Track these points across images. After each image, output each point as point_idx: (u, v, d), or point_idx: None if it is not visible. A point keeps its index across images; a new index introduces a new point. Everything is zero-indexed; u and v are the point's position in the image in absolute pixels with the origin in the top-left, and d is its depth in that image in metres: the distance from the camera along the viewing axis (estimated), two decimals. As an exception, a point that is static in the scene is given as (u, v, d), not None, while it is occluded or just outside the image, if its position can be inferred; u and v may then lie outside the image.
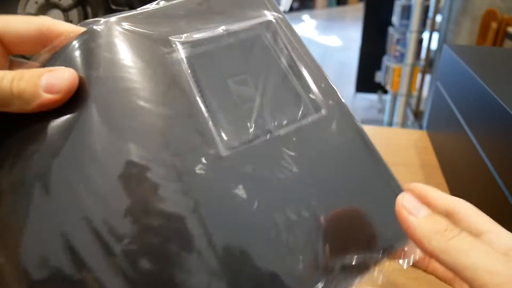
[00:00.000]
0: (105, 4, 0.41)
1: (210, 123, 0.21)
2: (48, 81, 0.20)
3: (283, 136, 0.22)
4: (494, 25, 1.27)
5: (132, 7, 0.42)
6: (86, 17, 0.41)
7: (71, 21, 0.41)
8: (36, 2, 0.39)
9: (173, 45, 0.22)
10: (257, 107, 0.22)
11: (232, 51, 0.24)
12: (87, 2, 0.40)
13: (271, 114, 0.22)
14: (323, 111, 0.23)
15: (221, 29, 0.24)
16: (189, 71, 0.22)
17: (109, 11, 0.41)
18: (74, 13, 0.40)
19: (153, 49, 0.22)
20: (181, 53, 0.22)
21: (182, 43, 0.23)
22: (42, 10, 0.40)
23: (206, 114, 0.21)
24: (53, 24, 0.22)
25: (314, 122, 0.23)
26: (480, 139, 0.37)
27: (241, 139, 0.21)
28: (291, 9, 6.95)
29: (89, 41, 0.21)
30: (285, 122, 0.22)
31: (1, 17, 0.21)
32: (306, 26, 5.81)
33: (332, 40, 4.91)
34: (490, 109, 0.35)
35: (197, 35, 0.23)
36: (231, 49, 0.24)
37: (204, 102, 0.21)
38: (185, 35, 0.23)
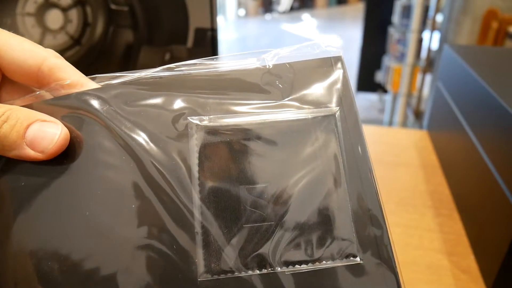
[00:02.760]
0: (105, 4, 0.41)
1: (198, 237, 0.18)
2: (35, 137, 0.18)
3: (288, 276, 0.18)
4: (494, 24, 1.27)
5: (132, 7, 0.42)
6: (85, 17, 0.41)
7: (70, 21, 0.41)
8: (35, 2, 0.39)
9: (190, 129, 0.19)
10: (266, 231, 0.18)
11: (261, 148, 0.19)
12: (87, 2, 0.40)
13: (282, 243, 0.18)
14: (358, 259, 0.18)
15: (259, 118, 0.20)
16: (196, 164, 0.19)
17: (108, 11, 0.41)
18: (73, 13, 0.40)
19: (163, 128, 0.19)
20: (194, 139, 0.19)
21: (201, 128, 0.19)
22: (41, 9, 0.39)
23: (198, 225, 0.18)
24: (58, 67, 0.20)
25: (338, 269, 0.18)
26: (480, 139, 0.37)
27: (228, 266, 0.18)
28: (291, 9, 6.95)
29: (95, 101, 0.19)
30: (297, 258, 0.18)
31: (10, 38, 0.19)
32: (306, 25, 5.80)
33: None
34: (491, 109, 0.35)
35: (222, 121, 0.19)
36: (257, 145, 0.19)
37: (201, 209, 0.18)
38: (207, 117, 0.20)
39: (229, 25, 5.96)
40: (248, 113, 0.20)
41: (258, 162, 0.19)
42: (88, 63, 0.43)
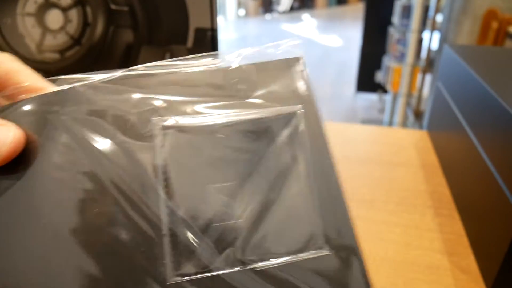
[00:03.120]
0: (105, 3, 0.41)
1: (165, 239, 0.18)
2: None
3: (258, 272, 0.18)
4: (494, 24, 1.27)
5: (132, 7, 0.42)
6: (85, 17, 0.41)
7: (70, 21, 0.41)
8: (35, 2, 0.39)
9: (154, 129, 0.19)
10: (235, 228, 0.18)
11: (225, 147, 0.20)
12: (87, 2, 0.40)
13: (251, 240, 0.18)
14: (326, 250, 0.19)
15: (223, 118, 0.20)
16: (161, 165, 0.19)
17: (108, 11, 0.41)
18: (73, 13, 0.40)
19: (126, 129, 0.19)
20: (159, 140, 0.19)
21: (164, 128, 0.19)
22: (41, 9, 0.39)
23: (165, 227, 0.18)
24: (14, 71, 0.19)
25: (307, 262, 0.18)
26: (480, 139, 0.37)
27: (197, 266, 0.17)
28: (292, 9, 6.95)
29: (54, 104, 0.19)
30: (267, 254, 0.18)
31: None
32: (306, 25, 5.80)
33: (332, 40, 4.91)
34: (491, 109, 0.35)
35: (187, 121, 0.20)
36: (224, 144, 0.20)
37: (168, 210, 0.18)
38: (172, 117, 0.20)
39: (229, 25, 5.96)
40: (212, 113, 0.20)
41: (223, 161, 0.19)
42: (88, 63, 0.43)
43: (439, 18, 1.80)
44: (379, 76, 2.45)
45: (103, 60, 0.43)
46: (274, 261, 0.18)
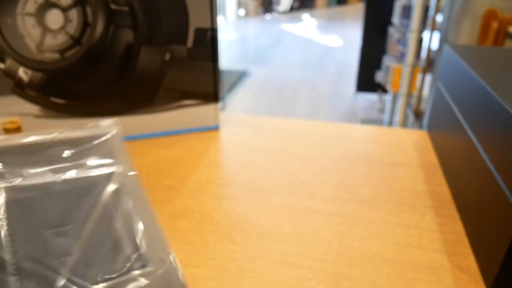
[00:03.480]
0: (105, 3, 0.41)
1: (13, 280, 0.21)
2: None
3: None
4: (494, 24, 1.27)
5: (132, 7, 0.42)
6: (85, 17, 0.41)
7: (70, 21, 0.41)
8: (36, 2, 0.39)
9: None
10: (71, 262, 0.22)
11: (59, 200, 0.25)
12: (87, 2, 0.40)
13: (87, 269, 0.22)
14: (149, 268, 0.24)
15: (56, 176, 0.25)
16: (3, 218, 0.23)
17: (108, 11, 0.41)
18: (73, 13, 0.40)
19: None
20: (1, 198, 0.23)
21: (6, 188, 0.24)
22: (42, 9, 0.39)
23: (10, 268, 0.21)
24: None
25: (137, 277, 0.23)
26: (480, 139, 0.37)
27: None
28: (291, 9, 6.95)
29: None
30: (102, 277, 0.22)
31: None
32: (306, 25, 5.80)
33: (332, 40, 4.91)
34: (491, 109, 0.35)
35: (25, 180, 0.25)
36: (58, 197, 0.25)
37: (14, 254, 0.22)
38: (12, 179, 0.24)
39: (229, 25, 5.96)
40: (46, 175, 0.25)
41: (60, 210, 0.24)
42: (88, 63, 0.43)
43: (439, 18, 1.80)
44: (379, 76, 2.45)
45: (103, 60, 0.43)
46: (113, 282, 0.22)
